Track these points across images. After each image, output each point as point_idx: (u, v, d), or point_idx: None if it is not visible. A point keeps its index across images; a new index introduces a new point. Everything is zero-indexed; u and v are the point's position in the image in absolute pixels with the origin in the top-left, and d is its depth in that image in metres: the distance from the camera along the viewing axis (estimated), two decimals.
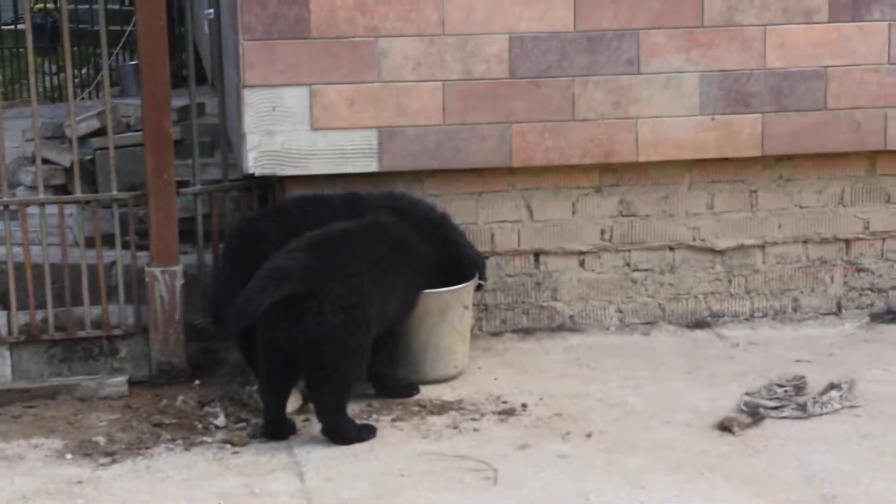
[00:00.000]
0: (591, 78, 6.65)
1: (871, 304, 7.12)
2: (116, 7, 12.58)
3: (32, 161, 7.83)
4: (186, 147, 7.50)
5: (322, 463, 5.39)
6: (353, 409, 5.87)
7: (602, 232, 6.91)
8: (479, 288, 6.38)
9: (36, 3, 15.31)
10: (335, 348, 5.48)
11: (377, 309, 5.68)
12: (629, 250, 6.94)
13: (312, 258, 5.57)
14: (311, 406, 5.96)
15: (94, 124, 8.17)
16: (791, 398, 5.90)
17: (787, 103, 6.77)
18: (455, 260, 6.25)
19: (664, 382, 6.20)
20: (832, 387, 5.97)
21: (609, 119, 6.69)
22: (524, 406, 5.93)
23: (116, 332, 6.45)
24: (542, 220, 6.81)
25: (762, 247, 7.01)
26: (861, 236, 7.08)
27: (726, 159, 6.86)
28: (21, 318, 6.41)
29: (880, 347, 6.66)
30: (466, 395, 6.09)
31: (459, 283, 6.21)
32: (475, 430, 5.71)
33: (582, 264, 6.92)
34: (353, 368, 5.57)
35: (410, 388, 6.08)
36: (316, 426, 5.73)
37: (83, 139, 7.89)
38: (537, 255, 6.89)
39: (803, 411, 5.79)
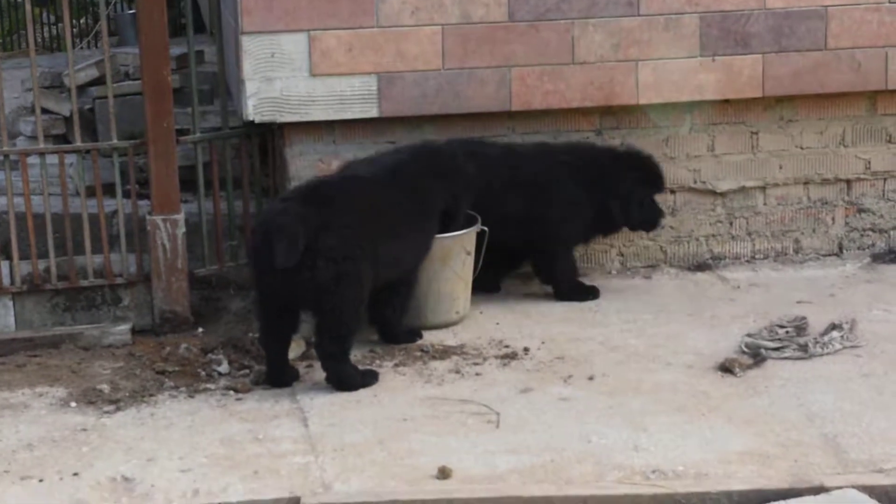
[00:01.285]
0: (590, 20, 6.62)
1: (873, 245, 7.12)
2: None
3: (32, 111, 7.82)
4: (186, 95, 7.48)
5: (325, 408, 5.41)
6: (356, 355, 5.89)
7: None
8: (481, 234, 6.37)
9: None
10: (331, 299, 5.49)
11: (381, 258, 5.68)
12: None
13: (307, 208, 5.56)
14: (312, 352, 5.99)
15: (93, 73, 8.15)
16: (792, 339, 5.92)
17: (787, 43, 6.75)
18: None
19: (666, 325, 6.21)
20: (833, 327, 5.98)
21: (609, 62, 6.67)
22: (526, 350, 5.95)
23: (119, 280, 6.46)
24: None
25: (763, 188, 7.00)
26: (862, 177, 7.07)
27: (726, 101, 6.84)
28: (24, 267, 6.42)
29: (881, 288, 6.67)
30: (468, 339, 6.11)
31: None
32: (477, 374, 5.73)
33: None
34: (349, 318, 5.58)
35: (413, 335, 6.09)
36: (319, 372, 5.75)
37: (82, 88, 7.87)
38: None
39: (804, 352, 5.81)
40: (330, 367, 5.59)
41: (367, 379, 5.62)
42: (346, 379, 5.58)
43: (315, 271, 5.44)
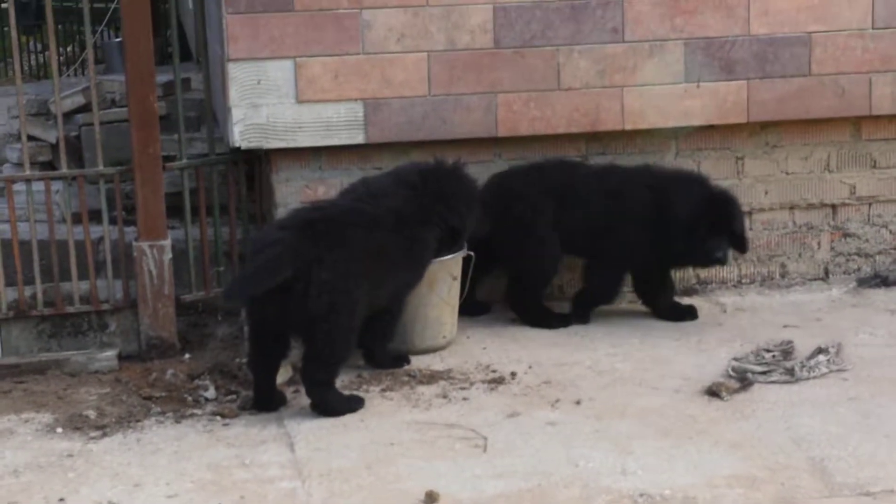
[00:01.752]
0: (575, 47, 6.65)
1: (858, 269, 7.15)
2: None
3: (18, 138, 7.82)
4: (172, 122, 7.47)
5: (312, 433, 5.41)
6: (343, 381, 5.89)
7: None
8: (467, 259, 6.38)
9: None
10: (321, 329, 5.49)
11: (370, 290, 5.67)
12: None
13: (301, 240, 5.55)
14: (299, 377, 5.98)
15: (80, 100, 8.15)
16: (779, 363, 5.93)
17: (771, 69, 6.78)
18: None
19: (653, 349, 6.22)
20: (820, 351, 6.00)
21: (594, 88, 6.69)
22: (513, 374, 5.95)
23: (105, 306, 6.46)
24: None
25: (749, 213, 7.01)
26: (847, 201, 7.10)
27: (712, 126, 6.87)
28: (10, 294, 6.41)
29: (867, 312, 6.69)
30: (455, 364, 6.11)
31: None
32: (465, 398, 5.73)
33: None
34: (339, 347, 5.58)
35: (401, 360, 6.09)
36: (306, 397, 5.75)
37: (68, 115, 7.87)
38: None
39: (791, 375, 5.82)
40: (315, 394, 5.58)
41: (353, 404, 5.62)
42: (332, 405, 5.58)
43: (308, 301, 5.44)
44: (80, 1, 7.79)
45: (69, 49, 12.04)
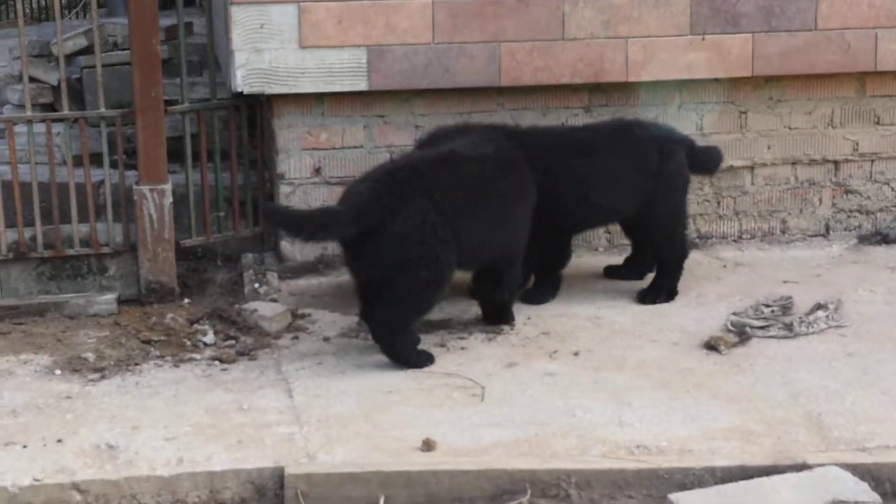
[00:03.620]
0: None
1: (859, 226, 7.14)
2: None
3: (20, 79, 7.80)
4: (174, 66, 7.46)
5: (310, 380, 5.41)
6: (343, 328, 5.90)
7: None
8: None
9: None
10: (396, 281, 5.44)
11: (462, 241, 5.57)
12: None
13: (377, 192, 5.48)
14: (298, 323, 6.01)
15: (82, 42, 8.11)
16: (778, 318, 5.93)
17: (777, 23, 6.74)
18: None
19: (652, 303, 6.20)
20: (819, 307, 6.00)
21: (599, 38, 6.66)
22: (512, 325, 5.95)
23: (105, 250, 6.44)
24: None
25: (751, 168, 7.01)
26: (850, 158, 7.08)
27: (716, 80, 6.84)
28: (9, 235, 6.40)
29: (867, 269, 6.68)
30: (454, 314, 6.10)
31: None
32: (463, 348, 5.73)
33: None
34: (414, 299, 5.51)
35: (502, 318, 5.99)
36: (304, 344, 5.78)
37: (70, 58, 7.83)
38: None
39: (790, 331, 5.82)
40: (381, 338, 5.54)
41: (419, 359, 5.55)
42: (396, 350, 5.53)
43: (381, 253, 5.41)
44: None
45: None
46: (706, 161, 6.42)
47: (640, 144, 6.21)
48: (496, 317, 5.98)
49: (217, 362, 5.62)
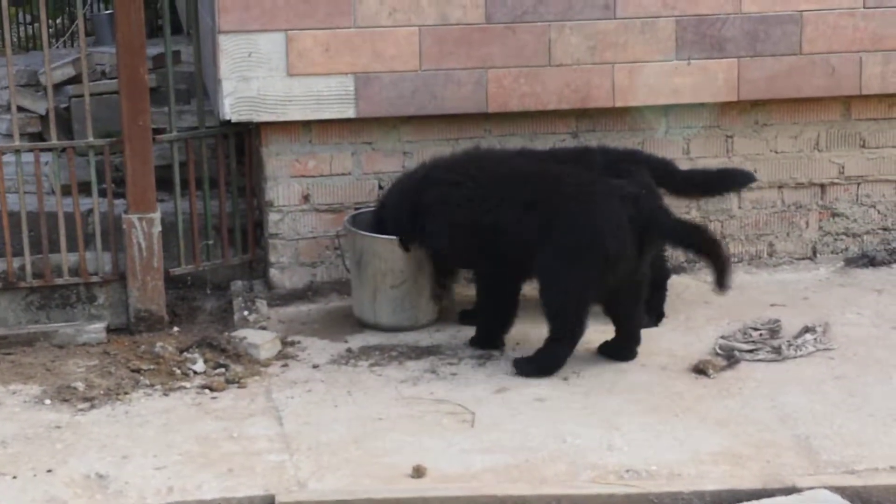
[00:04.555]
0: (566, 23, 6.64)
1: (846, 249, 7.16)
2: None
3: (7, 109, 7.80)
4: (162, 95, 7.48)
5: (300, 407, 5.42)
6: (332, 355, 5.91)
7: None
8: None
9: None
10: None
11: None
12: None
13: None
14: (288, 351, 6.02)
15: (70, 72, 8.13)
16: (766, 341, 5.95)
17: (762, 48, 6.78)
18: None
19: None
20: (806, 330, 6.02)
21: (585, 64, 6.69)
22: (502, 351, 5.96)
23: (94, 279, 6.45)
24: None
25: (738, 192, 7.02)
26: (836, 181, 7.11)
27: (702, 104, 6.87)
28: None
29: (854, 291, 6.71)
30: (444, 340, 6.12)
31: None
32: (453, 374, 5.74)
33: None
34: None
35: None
36: (294, 371, 5.79)
37: (58, 87, 7.86)
38: None
39: (778, 354, 5.84)
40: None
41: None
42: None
43: None
44: None
45: (59, 21, 11.98)
46: (688, 185, 6.45)
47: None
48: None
49: (207, 390, 5.62)
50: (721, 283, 5.66)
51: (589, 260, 5.56)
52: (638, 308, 5.83)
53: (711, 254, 5.73)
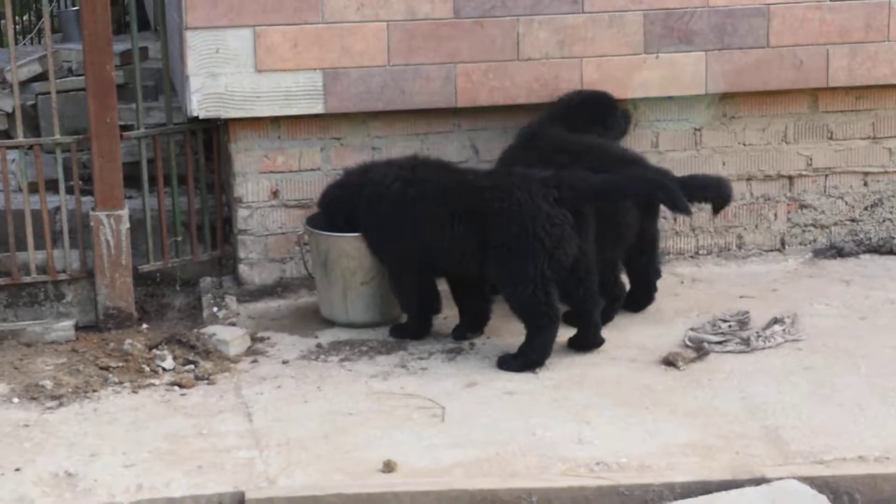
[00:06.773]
0: (535, 17, 6.64)
1: (814, 241, 7.19)
2: None
3: None
4: (129, 91, 7.44)
5: (270, 404, 5.40)
6: (302, 350, 5.90)
7: None
8: None
9: None
10: None
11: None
12: None
13: None
14: (257, 347, 6.00)
15: (36, 69, 8.09)
16: (735, 333, 5.97)
17: (729, 41, 6.80)
18: None
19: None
20: (775, 321, 6.04)
21: (554, 58, 6.70)
22: (472, 345, 5.97)
23: (62, 276, 6.42)
24: (489, 159, 6.78)
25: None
26: (804, 173, 7.14)
27: (670, 98, 6.88)
28: None
29: (822, 283, 6.73)
30: None
31: None
32: (423, 368, 5.74)
33: None
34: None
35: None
36: (263, 367, 5.78)
37: (25, 84, 7.81)
38: None
39: (747, 345, 5.86)
40: None
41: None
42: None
43: None
44: None
45: (25, 18, 11.92)
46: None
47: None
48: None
49: (176, 387, 5.60)
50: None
51: (528, 247, 5.60)
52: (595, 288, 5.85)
53: (660, 193, 5.85)
